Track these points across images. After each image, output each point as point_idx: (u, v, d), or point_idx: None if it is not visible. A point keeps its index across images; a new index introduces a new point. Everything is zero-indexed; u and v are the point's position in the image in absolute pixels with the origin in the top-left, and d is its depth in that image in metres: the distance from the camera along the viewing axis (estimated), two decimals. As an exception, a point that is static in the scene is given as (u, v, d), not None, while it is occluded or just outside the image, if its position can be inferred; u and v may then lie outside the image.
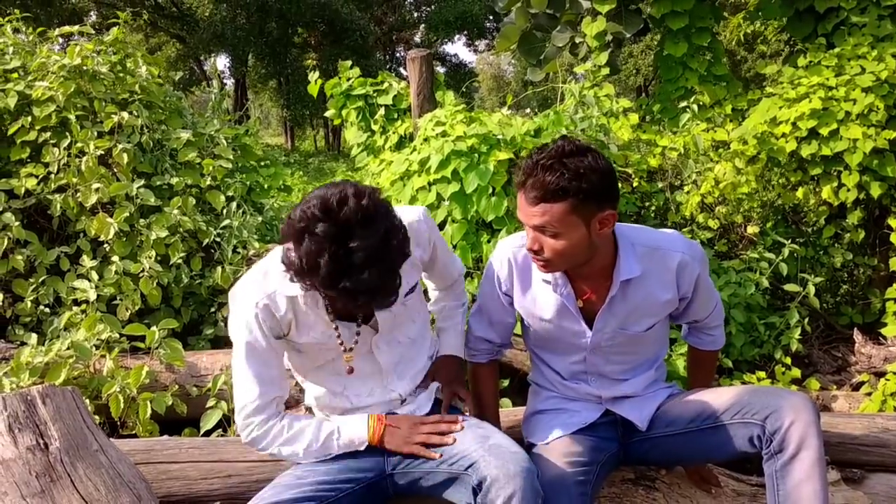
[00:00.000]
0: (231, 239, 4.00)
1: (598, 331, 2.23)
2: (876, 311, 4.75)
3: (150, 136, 4.21)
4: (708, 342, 2.46)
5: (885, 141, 4.40)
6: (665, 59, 6.18)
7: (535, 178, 1.92)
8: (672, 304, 2.24)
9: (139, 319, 3.79)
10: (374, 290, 1.84)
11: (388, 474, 2.14)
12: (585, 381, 2.33)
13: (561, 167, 1.90)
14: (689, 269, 2.18)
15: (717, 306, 2.39)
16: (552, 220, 1.94)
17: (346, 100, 4.92)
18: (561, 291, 2.19)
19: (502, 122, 3.87)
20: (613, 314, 2.20)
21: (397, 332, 2.24)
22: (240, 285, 2.11)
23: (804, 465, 1.99)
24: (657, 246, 2.17)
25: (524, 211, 1.99)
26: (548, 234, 1.98)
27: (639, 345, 2.30)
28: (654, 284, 2.17)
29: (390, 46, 34.23)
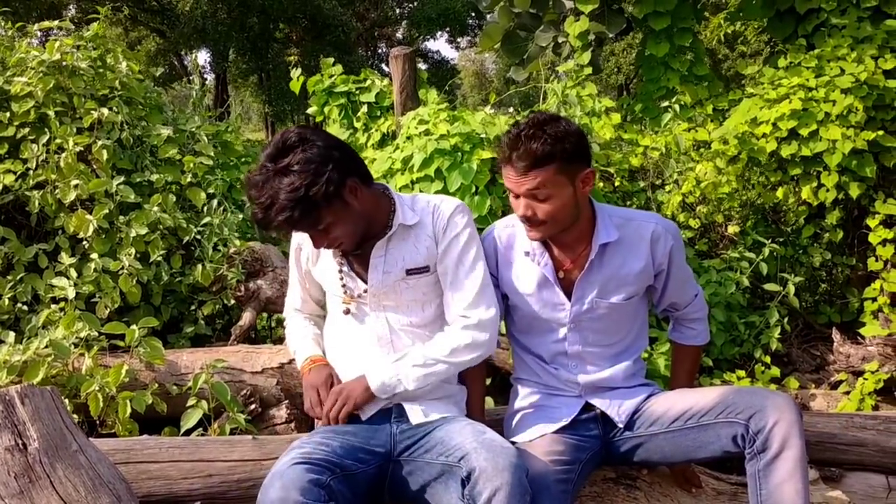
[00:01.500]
0: (212, 236, 3.97)
1: (578, 300, 2.28)
2: (854, 310, 4.80)
3: (131, 132, 4.16)
4: (691, 336, 2.50)
5: (864, 142, 4.45)
6: (647, 59, 6.21)
7: (522, 148, 2.08)
8: (647, 274, 2.31)
9: (118, 317, 3.74)
10: (262, 206, 2.07)
11: (393, 459, 2.20)
12: (566, 365, 2.35)
13: (543, 134, 2.07)
14: (662, 240, 2.28)
15: (697, 296, 2.45)
16: (544, 183, 2.10)
17: (328, 97, 4.90)
18: (539, 261, 2.28)
19: (485, 121, 3.87)
20: (591, 282, 2.27)
21: (400, 312, 2.31)
22: None
23: (787, 465, 2.02)
24: (631, 217, 2.33)
25: (514, 181, 2.13)
26: (539, 199, 2.13)
27: (618, 321, 2.35)
28: (629, 252, 2.28)
29: (372, 42, 34.10)
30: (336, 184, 2.08)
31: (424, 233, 2.29)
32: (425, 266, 2.29)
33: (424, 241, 2.29)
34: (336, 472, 2.01)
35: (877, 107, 4.66)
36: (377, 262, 2.28)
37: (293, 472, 1.92)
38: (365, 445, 2.16)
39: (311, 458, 1.98)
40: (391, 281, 2.28)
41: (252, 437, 2.58)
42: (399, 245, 2.29)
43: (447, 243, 2.28)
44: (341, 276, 2.33)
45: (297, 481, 1.90)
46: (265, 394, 3.31)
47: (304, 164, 2.04)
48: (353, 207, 2.16)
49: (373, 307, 2.32)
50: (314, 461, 1.98)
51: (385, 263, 2.29)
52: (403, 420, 2.25)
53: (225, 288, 3.91)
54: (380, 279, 2.28)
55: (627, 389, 2.38)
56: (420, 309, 2.33)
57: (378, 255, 2.28)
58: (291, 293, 2.60)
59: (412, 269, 2.28)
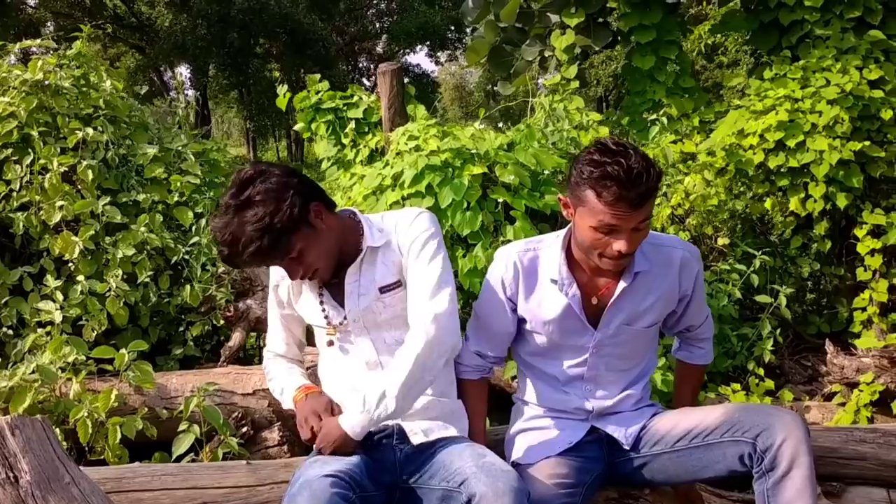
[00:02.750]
0: (200, 256, 3.94)
1: (605, 325, 2.24)
2: (843, 320, 4.80)
3: (116, 151, 4.12)
4: (699, 356, 2.48)
5: (851, 152, 4.47)
6: (632, 72, 6.22)
7: (640, 185, 1.96)
8: (673, 300, 2.28)
9: (105, 340, 3.71)
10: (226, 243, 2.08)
11: (400, 486, 2.20)
12: (580, 388, 2.32)
13: (645, 165, 1.97)
14: (689, 266, 2.26)
15: (708, 317, 2.43)
16: (649, 213, 2.05)
17: (315, 113, 4.87)
18: (567, 291, 2.22)
19: (475, 137, 3.85)
20: (621, 309, 2.22)
21: (382, 331, 2.28)
22: None
23: (796, 484, 2.00)
24: (659, 243, 2.26)
25: (626, 217, 2.00)
26: (640, 230, 2.05)
27: (637, 346, 2.32)
28: (658, 278, 2.23)
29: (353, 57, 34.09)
30: (300, 207, 2.08)
31: (391, 249, 2.28)
32: (397, 281, 2.27)
33: (391, 256, 2.28)
34: (359, 491, 2.00)
35: (862, 117, 4.68)
36: (352, 287, 2.27)
37: (322, 484, 1.92)
38: (374, 472, 2.14)
39: (338, 474, 1.98)
40: (367, 303, 2.26)
41: (246, 462, 2.54)
42: (370, 267, 2.27)
43: (408, 248, 2.26)
44: (322, 308, 2.31)
45: (325, 492, 1.90)
46: (257, 416, 3.27)
47: (264, 193, 2.05)
48: (322, 231, 2.15)
49: (357, 333, 2.30)
50: (342, 476, 1.97)
51: (360, 287, 2.27)
52: (405, 443, 2.22)
53: (214, 308, 3.87)
54: (356, 303, 2.26)
55: (633, 412, 2.35)
56: (403, 324, 2.29)
57: (352, 280, 2.26)
58: (272, 337, 2.53)
59: (384, 286, 2.26)
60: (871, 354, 3.60)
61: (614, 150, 1.99)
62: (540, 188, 3.79)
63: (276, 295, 2.43)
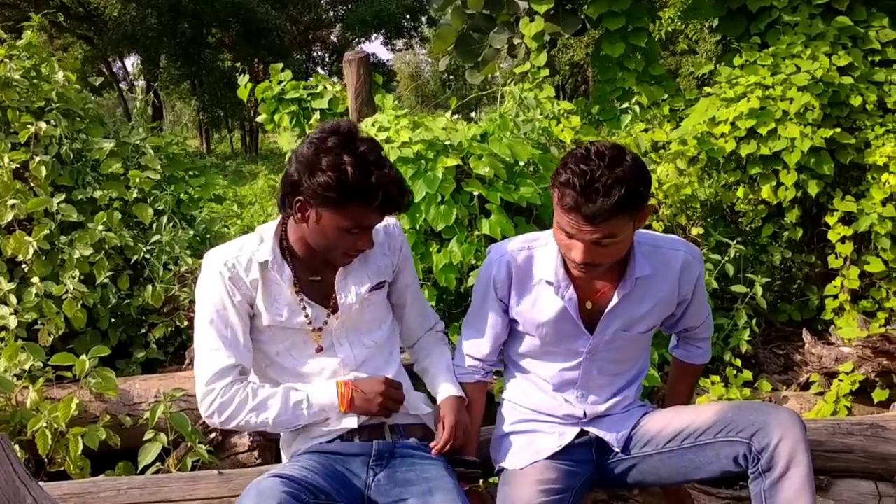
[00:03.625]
0: (161, 255, 3.82)
1: (601, 332, 2.17)
2: (814, 307, 4.82)
3: (70, 146, 3.96)
4: (696, 355, 2.42)
5: (822, 139, 4.46)
6: (602, 60, 6.16)
7: (597, 200, 1.84)
8: (672, 304, 2.21)
9: (63, 344, 3.60)
10: (399, 182, 2.01)
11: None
12: (572, 393, 2.25)
13: (619, 182, 1.84)
14: (691, 268, 2.18)
15: (708, 316, 2.37)
16: (613, 232, 1.91)
17: (278, 104, 4.72)
18: (563, 294, 2.13)
19: (448, 127, 3.74)
20: (618, 315, 2.15)
21: (362, 333, 2.22)
22: (212, 250, 2.18)
23: (794, 484, 1.95)
24: (659, 245, 2.18)
25: (579, 229, 1.91)
26: (603, 245, 1.94)
27: (631, 352, 2.25)
28: (658, 283, 2.15)
29: (307, 46, 33.78)
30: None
31: (379, 248, 2.22)
32: (384, 281, 2.26)
33: (381, 258, 2.24)
34: (319, 496, 1.91)
35: (832, 104, 4.68)
36: (342, 284, 2.18)
37: (270, 483, 1.85)
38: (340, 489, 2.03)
39: (290, 476, 1.91)
40: (359, 301, 2.19)
41: (217, 472, 2.42)
42: (359, 266, 2.21)
43: (404, 259, 2.29)
44: (304, 308, 2.15)
45: (273, 490, 1.81)
46: (226, 421, 3.14)
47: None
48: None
49: (336, 334, 2.20)
50: (293, 479, 1.90)
51: (349, 286, 2.19)
52: (381, 465, 2.11)
53: (177, 309, 3.76)
54: (351, 302, 2.18)
55: (624, 414, 2.29)
56: (378, 327, 2.27)
57: (340, 278, 2.18)
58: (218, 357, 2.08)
59: (374, 285, 2.22)
60: (854, 344, 3.58)
61: (589, 157, 1.88)
62: (515, 180, 3.70)
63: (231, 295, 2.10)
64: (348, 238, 2.04)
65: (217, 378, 2.07)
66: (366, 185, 1.94)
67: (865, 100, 4.68)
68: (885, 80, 4.82)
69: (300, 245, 2.13)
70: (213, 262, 2.14)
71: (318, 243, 2.07)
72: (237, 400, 2.06)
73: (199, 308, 2.13)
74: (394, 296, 2.34)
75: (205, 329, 2.10)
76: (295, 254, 2.14)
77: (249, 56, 26.06)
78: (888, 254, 4.45)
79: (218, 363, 2.07)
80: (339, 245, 2.06)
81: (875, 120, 4.69)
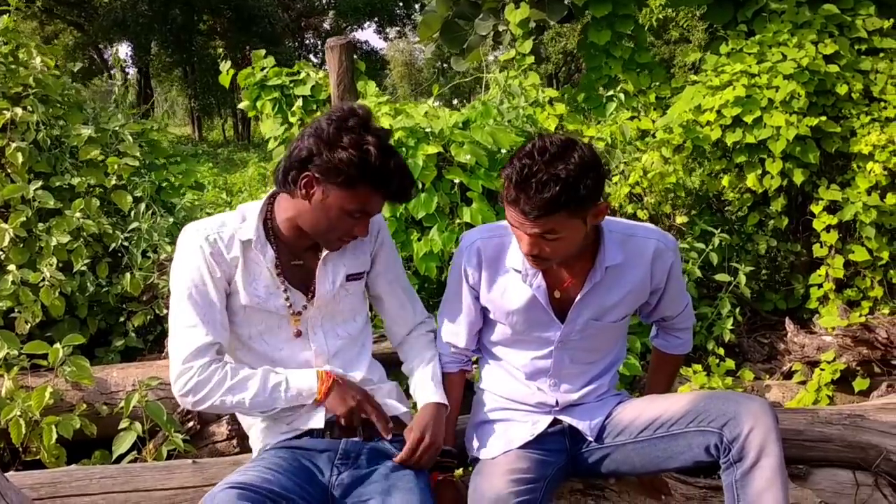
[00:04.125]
0: (140, 242, 3.77)
1: (571, 321, 2.15)
2: (799, 296, 4.81)
3: (48, 132, 3.90)
4: (675, 345, 2.40)
5: (807, 128, 4.44)
6: (588, 47, 6.12)
7: (532, 196, 1.85)
8: (644, 293, 2.19)
9: (41, 332, 3.55)
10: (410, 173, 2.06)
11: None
12: (545, 382, 2.23)
13: (555, 180, 1.83)
14: (664, 257, 2.15)
15: (687, 306, 2.34)
16: (553, 229, 1.91)
17: (260, 91, 4.67)
18: (532, 282, 2.12)
19: (429, 114, 3.71)
20: (588, 304, 2.13)
21: (336, 323, 2.19)
22: (191, 224, 2.11)
23: (765, 473, 1.93)
24: (632, 233, 2.15)
25: (520, 222, 1.92)
26: (549, 239, 1.93)
27: (604, 341, 2.24)
28: (629, 271, 2.13)
29: (299, 33, 33.61)
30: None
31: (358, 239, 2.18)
32: (362, 272, 2.23)
33: (360, 247, 2.21)
34: (280, 502, 1.86)
35: (818, 92, 4.67)
36: (322, 271, 2.15)
37: (224, 497, 1.79)
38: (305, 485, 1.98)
39: (246, 484, 1.84)
40: (336, 289, 2.16)
41: (192, 462, 2.41)
42: (339, 254, 2.17)
43: (381, 246, 2.26)
44: (286, 292, 2.12)
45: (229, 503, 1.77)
46: (204, 410, 3.12)
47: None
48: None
49: (312, 322, 2.17)
50: (250, 487, 1.83)
51: (328, 273, 2.16)
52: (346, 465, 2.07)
53: (156, 297, 3.71)
54: (328, 289, 2.15)
55: (598, 403, 2.27)
56: (352, 319, 2.24)
57: (321, 264, 2.15)
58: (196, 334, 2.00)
59: (352, 274, 2.19)
60: (835, 333, 3.57)
61: (532, 152, 1.88)
62: (497, 168, 3.67)
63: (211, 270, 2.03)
64: (348, 222, 2.00)
65: (194, 356, 1.99)
66: (385, 168, 1.94)
67: (851, 88, 4.67)
68: (872, 69, 4.81)
69: (288, 226, 2.08)
70: (192, 235, 2.06)
71: (316, 224, 2.02)
72: (215, 379, 1.99)
73: (176, 283, 2.04)
74: (371, 284, 2.30)
75: (182, 304, 2.02)
76: (279, 235, 2.10)
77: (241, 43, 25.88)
78: (872, 243, 4.44)
79: (195, 341, 1.99)
80: (337, 228, 2.02)
81: (861, 109, 4.68)
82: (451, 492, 2.19)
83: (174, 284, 2.06)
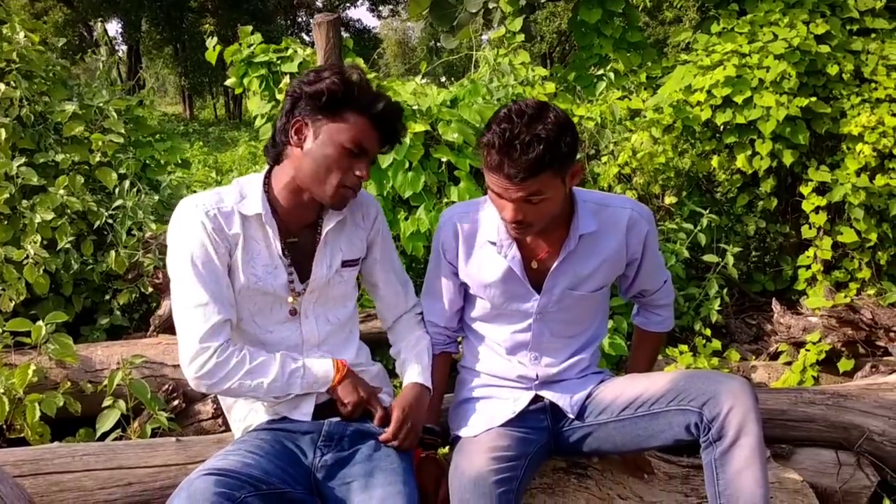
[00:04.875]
0: (125, 220, 3.73)
1: (548, 291, 2.15)
2: (787, 277, 4.82)
3: (31, 108, 3.86)
4: (656, 322, 2.41)
5: (797, 108, 4.43)
6: (579, 26, 6.08)
7: (517, 158, 1.86)
8: (620, 264, 2.20)
9: (25, 310, 3.53)
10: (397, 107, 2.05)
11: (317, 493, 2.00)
12: (525, 355, 2.23)
13: (536, 140, 1.86)
14: (638, 226, 2.16)
15: (666, 282, 2.35)
16: (539, 190, 1.92)
17: (247, 68, 4.61)
18: (507, 253, 2.14)
19: (417, 92, 3.68)
20: (563, 273, 2.14)
21: (328, 308, 2.16)
22: (187, 199, 2.01)
23: (744, 453, 1.93)
24: (606, 203, 2.17)
25: (505, 188, 1.93)
26: (533, 203, 1.95)
27: (583, 312, 2.23)
28: (604, 241, 2.15)
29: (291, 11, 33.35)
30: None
31: (354, 222, 2.18)
32: (357, 258, 2.20)
33: (357, 232, 2.19)
34: (260, 487, 1.83)
35: (808, 72, 4.65)
36: (321, 253, 2.11)
37: (201, 484, 1.75)
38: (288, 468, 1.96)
39: (225, 470, 1.80)
40: (331, 273, 2.13)
41: (175, 439, 2.40)
42: (336, 236, 2.14)
43: (382, 236, 2.25)
44: (289, 266, 2.07)
45: (205, 492, 1.72)
46: (189, 388, 3.06)
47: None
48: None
49: (304, 306, 2.13)
50: (229, 473, 1.80)
51: (326, 256, 2.13)
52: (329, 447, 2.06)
53: (141, 275, 3.68)
54: (324, 273, 2.11)
55: (579, 380, 2.27)
56: (343, 305, 2.21)
57: (321, 245, 2.11)
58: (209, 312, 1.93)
59: (347, 260, 2.16)
60: (820, 314, 3.57)
61: (509, 117, 1.89)
62: (484, 146, 3.64)
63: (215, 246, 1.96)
64: (346, 161, 1.95)
65: (211, 336, 1.91)
66: (368, 91, 1.96)
67: (842, 69, 4.65)
68: (863, 49, 4.78)
69: (286, 194, 2.03)
70: (191, 211, 1.96)
71: (315, 172, 1.96)
72: (233, 362, 1.93)
73: (179, 261, 1.94)
74: (367, 272, 2.27)
75: (189, 282, 1.92)
76: (278, 209, 2.05)
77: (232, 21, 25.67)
78: (861, 224, 4.44)
79: (210, 319, 1.91)
80: (337, 169, 1.96)
81: (851, 89, 4.66)
82: (434, 469, 2.19)
83: (176, 263, 1.95)
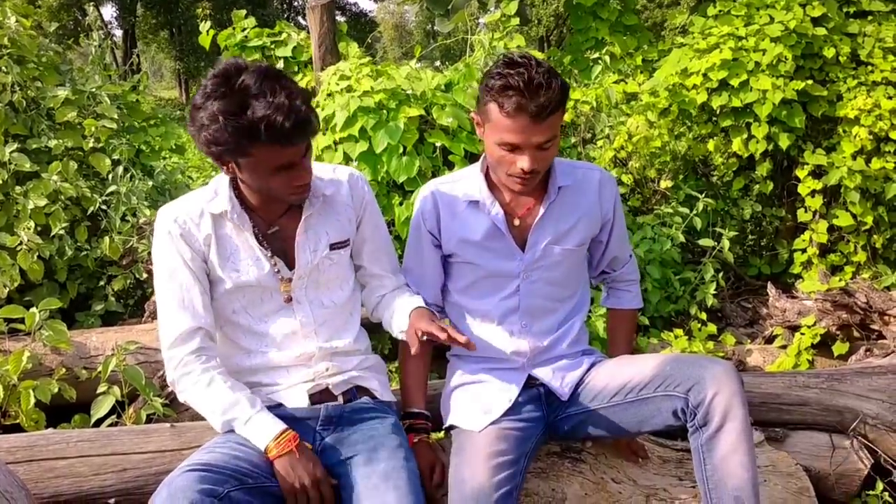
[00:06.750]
0: (119, 206, 3.73)
1: (532, 247, 2.19)
2: (783, 261, 4.82)
3: (24, 94, 3.84)
4: (627, 300, 2.45)
5: (794, 92, 4.41)
6: (574, 8, 6.04)
7: (542, 94, 1.91)
8: (597, 220, 2.26)
9: (19, 296, 3.53)
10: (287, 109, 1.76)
11: None
12: (517, 323, 2.24)
13: (553, 76, 1.94)
14: (609, 185, 2.26)
15: (632, 257, 2.43)
16: (555, 129, 2.00)
17: (241, 52, 4.60)
18: (489, 210, 2.17)
19: (411, 76, 3.65)
20: (545, 227, 2.18)
21: (321, 293, 2.14)
22: (164, 207, 2.06)
23: (730, 437, 1.94)
24: (576, 165, 2.27)
25: (528, 133, 1.97)
26: (545, 148, 2.00)
27: (568, 271, 2.26)
28: (581, 195, 2.22)
29: (287, -6, 33.20)
30: None
31: (341, 203, 2.14)
32: (346, 239, 2.17)
33: (344, 212, 2.15)
34: (246, 481, 1.82)
35: (805, 55, 4.62)
36: (302, 239, 2.09)
37: (183, 480, 1.73)
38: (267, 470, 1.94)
39: (209, 465, 1.79)
40: (318, 259, 2.11)
41: (170, 425, 2.39)
42: (320, 219, 2.12)
43: (368, 212, 2.21)
44: (271, 258, 2.06)
45: (186, 490, 1.70)
46: (183, 375, 3.11)
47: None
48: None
49: (297, 292, 2.12)
50: (213, 468, 1.79)
51: (309, 241, 2.10)
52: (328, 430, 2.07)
53: (136, 261, 3.69)
54: (309, 259, 2.09)
55: (570, 361, 2.28)
56: (339, 287, 2.19)
57: (301, 231, 2.08)
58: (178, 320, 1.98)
59: (335, 242, 2.13)
60: (815, 298, 3.58)
61: (518, 61, 1.95)
62: (480, 131, 3.63)
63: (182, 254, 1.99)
64: (278, 178, 1.90)
65: (178, 343, 1.98)
66: (243, 126, 1.75)
67: (839, 51, 4.62)
68: (859, 32, 4.75)
69: (250, 192, 2.02)
70: (163, 219, 2.02)
71: (258, 191, 1.97)
72: (193, 376, 1.98)
73: (155, 268, 2.04)
74: (355, 253, 2.25)
75: (162, 290, 2.01)
76: (249, 205, 2.04)
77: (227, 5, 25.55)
78: (857, 208, 4.44)
79: (178, 327, 1.98)
80: (276, 186, 1.92)
81: (848, 72, 4.64)
82: (428, 452, 2.20)
83: (155, 270, 2.05)
